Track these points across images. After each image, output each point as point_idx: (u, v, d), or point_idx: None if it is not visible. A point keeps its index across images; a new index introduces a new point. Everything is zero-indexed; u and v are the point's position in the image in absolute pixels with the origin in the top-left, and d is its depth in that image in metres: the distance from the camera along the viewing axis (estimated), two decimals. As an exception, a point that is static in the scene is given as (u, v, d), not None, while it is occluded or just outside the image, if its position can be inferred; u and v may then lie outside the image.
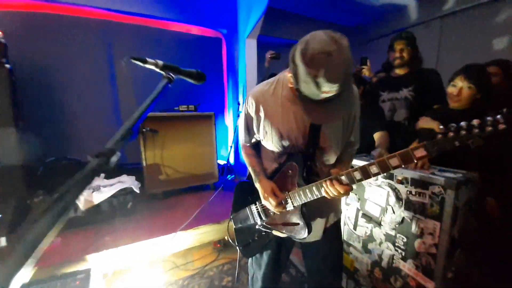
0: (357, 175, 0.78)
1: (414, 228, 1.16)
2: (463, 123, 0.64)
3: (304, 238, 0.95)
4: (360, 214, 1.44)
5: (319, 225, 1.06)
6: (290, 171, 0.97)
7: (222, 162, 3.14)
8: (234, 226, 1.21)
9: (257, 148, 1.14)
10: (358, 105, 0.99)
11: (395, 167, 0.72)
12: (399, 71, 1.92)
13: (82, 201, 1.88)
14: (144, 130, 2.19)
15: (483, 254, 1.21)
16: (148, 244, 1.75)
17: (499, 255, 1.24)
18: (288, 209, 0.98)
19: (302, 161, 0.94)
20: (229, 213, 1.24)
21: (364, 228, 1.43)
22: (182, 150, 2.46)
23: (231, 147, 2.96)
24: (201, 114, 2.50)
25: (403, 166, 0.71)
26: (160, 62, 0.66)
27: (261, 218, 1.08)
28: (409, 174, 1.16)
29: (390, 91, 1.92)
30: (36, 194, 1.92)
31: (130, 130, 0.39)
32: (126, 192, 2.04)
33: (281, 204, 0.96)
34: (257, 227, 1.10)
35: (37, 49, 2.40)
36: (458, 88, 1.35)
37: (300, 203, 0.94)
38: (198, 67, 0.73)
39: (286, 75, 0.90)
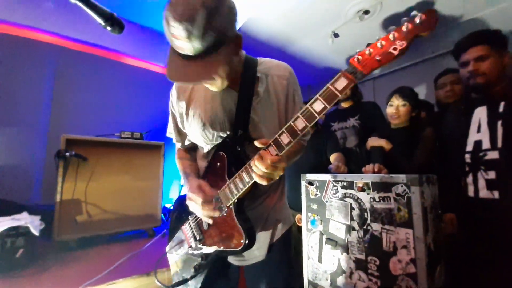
0: (285, 138, 0.62)
1: (385, 243, 0.96)
2: (377, 37, 0.53)
3: (243, 249, 0.68)
4: (324, 239, 1.20)
5: (262, 241, 0.81)
6: (218, 164, 0.77)
7: (170, 206, 2.68)
8: (169, 262, 0.95)
9: (193, 153, 0.97)
10: (296, 82, 0.89)
11: (320, 112, 0.58)
12: (344, 105, 2.09)
13: None
14: (67, 154, 1.77)
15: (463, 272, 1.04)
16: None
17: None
18: (221, 214, 0.74)
19: (230, 148, 0.76)
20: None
21: (330, 257, 1.17)
22: (116, 183, 2.01)
23: (182, 185, 2.59)
24: (147, 143, 2.21)
25: (328, 106, 0.57)
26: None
27: (195, 238, 0.81)
28: (369, 178, 1.05)
29: (340, 121, 2.03)
30: None
31: None
32: (17, 233, 1.45)
33: (210, 202, 0.72)
34: (190, 251, 0.81)
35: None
36: (395, 106, 1.47)
37: (233, 200, 0.71)
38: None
39: None
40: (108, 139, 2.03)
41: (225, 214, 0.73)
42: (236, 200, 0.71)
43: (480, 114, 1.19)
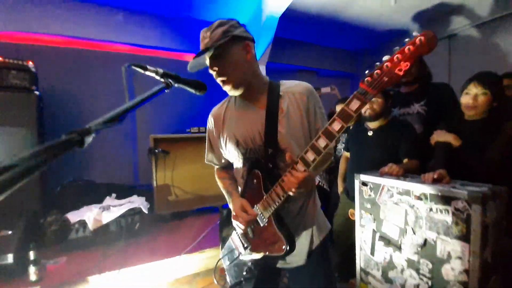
0: (310, 155, 0.71)
1: (439, 251, 1.02)
2: (384, 58, 0.59)
3: (286, 254, 0.82)
4: (377, 236, 1.31)
5: (302, 246, 0.93)
6: (254, 181, 0.89)
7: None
8: (224, 266, 1.06)
9: (230, 171, 1.10)
10: (316, 97, 0.94)
11: (339, 131, 0.65)
12: (408, 88, 1.89)
13: (92, 221, 1.88)
14: (156, 151, 2.25)
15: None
16: (151, 267, 1.67)
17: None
18: (262, 224, 0.87)
19: (263, 166, 0.87)
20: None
21: (382, 253, 1.28)
22: (192, 171, 2.47)
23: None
24: (212, 135, 2.55)
25: (345, 125, 0.64)
26: (160, 70, 0.69)
27: (243, 245, 0.95)
28: (427, 189, 1.06)
29: (402, 107, 1.87)
30: (49, 214, 1.96)
31: (115, 117, 0.40)
32: (134, 212, 2.03)
33: (252, 221, 0.88)
34: (241, 257, 0.96)
35: (66, 79, 2.63)
36: (473, 95, 1.29)
37: (271, 212, 0.83)
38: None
39: None
40: (183, 135, 2.44)
41: (266, 224, 0.85)
42: (274, 212, 0.83)
43: None
